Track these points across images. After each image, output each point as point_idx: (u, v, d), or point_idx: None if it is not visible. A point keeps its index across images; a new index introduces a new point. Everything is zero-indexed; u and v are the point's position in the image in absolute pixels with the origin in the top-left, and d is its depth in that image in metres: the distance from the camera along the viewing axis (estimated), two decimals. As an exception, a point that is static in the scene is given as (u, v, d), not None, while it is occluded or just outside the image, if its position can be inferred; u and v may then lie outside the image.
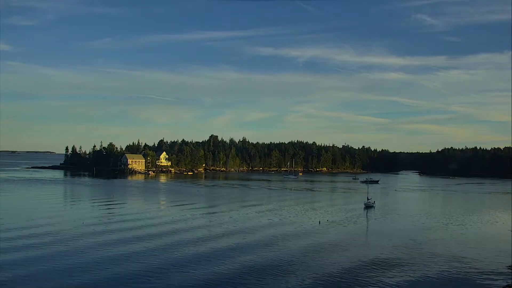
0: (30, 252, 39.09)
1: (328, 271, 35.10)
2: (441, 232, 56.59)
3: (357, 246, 45.97)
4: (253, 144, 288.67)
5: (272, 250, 42.62)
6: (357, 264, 37.84)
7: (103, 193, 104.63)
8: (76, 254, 38.73)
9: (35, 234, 47.62)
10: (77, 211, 69.03)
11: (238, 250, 42.09)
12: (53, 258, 37.33)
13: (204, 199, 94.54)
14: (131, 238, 46.90)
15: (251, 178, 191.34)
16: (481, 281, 33.77)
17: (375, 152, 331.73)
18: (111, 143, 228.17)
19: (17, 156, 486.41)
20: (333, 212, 74.71)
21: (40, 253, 39.11)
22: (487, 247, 46.86)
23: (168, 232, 51.20)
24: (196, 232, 51.67)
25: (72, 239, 45.34)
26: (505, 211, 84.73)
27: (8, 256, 37.32)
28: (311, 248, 44.07)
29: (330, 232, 53.98)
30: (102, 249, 41.20)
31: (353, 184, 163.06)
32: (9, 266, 34.37)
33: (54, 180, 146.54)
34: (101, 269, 34.07)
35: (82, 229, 51.57)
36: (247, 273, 33.95)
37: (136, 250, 40.83)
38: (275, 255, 40.40)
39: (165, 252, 40.60)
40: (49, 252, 39.32)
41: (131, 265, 35.62)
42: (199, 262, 36.87)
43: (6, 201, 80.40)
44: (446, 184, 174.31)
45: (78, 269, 34.02)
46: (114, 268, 34.49)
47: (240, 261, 37.88)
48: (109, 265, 35.46)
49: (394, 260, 39.60)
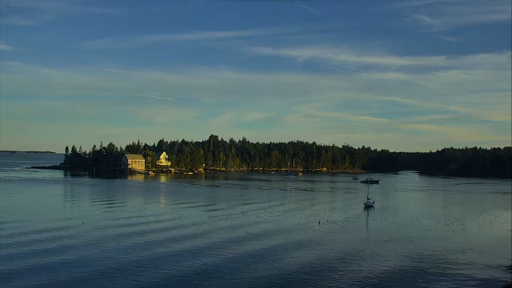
0: (29, 252, 39.00)
1: (328, 271, 35.09)
2: (441, 232, 56.58)
3: (357, 246, 45.85)
4: (253, 144, 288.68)
5: (272, 250, 42.57)
6: (357, 264, 37.82)
7: (103, 193, 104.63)
8: (76, 254, 38.67)
9: (35, 234, 47.54)
10: (77, 211, 68.98)
11: (237, 250, 42.03)
12: (53, 257, 37.26)
13: (204, 199, 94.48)
14: (131, 237, 46.85)
15: (251, 178, 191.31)
16: (481, 281, 33.73)
17: (375, 152, 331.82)
18: (111, 143, 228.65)
19: (17, 156, 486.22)
20: (333, 212, 74.71)
21: (40, 253, 39.04)
22: (487, 247, 46.83)
23: (168, 232, 51.16)
24: (196, 231, 51.58)
25: (72, 239, 45.29)
26: (505, 211, 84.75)
27: (8, 256, 37.30)
28: (311, 248, 44.05)
29: (330, 232, 53.94)
30: (102, 249, 41.16)
31: (353, 184, 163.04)
32: (9, 266, 34.36)
33: (54, 180, 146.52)
34: (100, 267, 34.08)
35: (82, 229, 51.55)
36: (247, 273, 33.94)
37: (135, 249, 40.80)
38: (275, 255, 40.35)
39: (163, 249, 40.58)
40: (48, 252, 39.24)
41: (130, 264, 35.59)
42: (199, 261, 36.85)
43: (6, 201, 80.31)
44: (446, 184, 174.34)
45: (77, 268, 34.00)
46: (113, 266, 34.49)
47: (240, 260, 37.87)
48: (109, 264, 35.46)
49: (394, 260, 39.58)
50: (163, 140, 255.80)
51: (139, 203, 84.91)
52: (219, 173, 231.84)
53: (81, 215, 63.15)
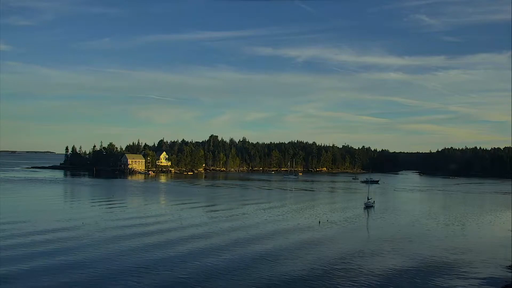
0: (29, 253, 39.00)
1: (328, 271, 35.08)
2: (441, 232, 56.59)
3: (357, 246, 45.84)
4: (253, 144, 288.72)
5: (272, 250, 42.55)
6: (357, 264, 37.81)
7: (103, 193, 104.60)
8: (76, 255, 38.65)
9: (35, 234, 47.54)
10: (77, 211, 68.97)
11: (237, 251, 42.03)
12: (53, 257, 37.26)
13: (204, 199, 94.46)
14: (131, 238, 46.83)
15: (251, 178, 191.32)
16: (481, 281, 33.72)
17: (375, 152, 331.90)
18: (111, 143, 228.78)
19: (17, 156, 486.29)
20: (333, 212, 74.70)
21: (40, 253, 39.03)
22: (487, 247, 46.86)
23: (167, 232, 51.18)
24: (196, 232, 51.58)
25: (72, 239, 45.28)
26: (505, 211, 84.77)
27: (7, 257, 37.28)
28: (311, 248, 44.04)
29: (330, 232, 53.96)
30: (101, 249, 41.14)
31: (353, 184, 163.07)
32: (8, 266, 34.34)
33: (54, 180, 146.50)
34: (101, 268, 34.07)
35: (82, 229, 51.54)
36: (246, 272, 33.94)
37: (135, 249, 40.79)
38: (275, 255, 40.33)
39: (163, 249, 40.58)
40: (48, 253, 39.24)
41: (130, 263, 35.60)
42: (199, 262, 36.85)
43: (6, 201, 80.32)
44: (446, 184, 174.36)
45: (77, 268, 33.99)
46: (113, 266, 34.48)
47: (240, 261, 37.85)
48: (108, 263, 35.45)
49: (394, 260, 39.59)
50: (163, 140, 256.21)
51: (139, 204, 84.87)
52: (219, 173, 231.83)
53: (81, 216, 63.07)
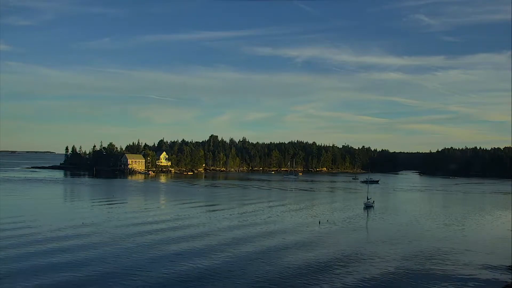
0: (29, 252, 39.03)
1: (328, 271, 35.07)
2: (441, 232, 56.57)
3: (357, 246, 45.85)
4: (253, 144, 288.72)
5: (272, 250, 42.56)
6: (357, 264, 37.82)
7: (103, 193, 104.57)
8: (75, 255, 38.65)
9: (34, 234, 47.58)
10: (77, 211, 68.95)
11: (237, 251, 42.01)
12: (52, 257, 37.28)
13: (204, 199, 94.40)
14: (130, 238, 46.82)
15: (251, 178, 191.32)
16: (481, 281, 33.71)
17: (375, 152, 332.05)
18: (111, 143, 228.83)
19: (17, 156, 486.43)
20: (333, 212, 74.69)
21: (39, 253, 39.05)
22: (487, 247, 46.84)
23: (167, 232, 51.15)
24: (196, 232, 51.58)
25: (71, 240, 45.30)
26: (505, 211, 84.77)
27: (7, 256, 37.29)
28: (311, 248, 44.04)
29: (330, 232, 53.95)
30: (101, 249, 41.15)
31: (353, 184, 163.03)
32: (8, 266, 34.35)
33: (54, 180, 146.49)
34: (101, 268, 34.07)
35: (82, 229, 51.55)
36: (246, 272, 33.95)
37: (135, 249, 40.83)
38: (275, 255, 40.34)
39: (163, 249, 40.59)
40: (48, 253, 39.26)
41: (130, 263, 35.62)
42: (198, 262, 36.85)
43: (5, 201, 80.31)
44: (446, 184, 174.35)
45: (77, 269, 33.98)
46: (113, 266, 34.47)
47: (240, 261, 37.88)
48: (108, 263, 35.45)
49: (394, 260, 39.57)
50: (163, 140, 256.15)
51: (139, 203, 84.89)
52: (219, 173, 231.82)
53: (81, 215, 63.10)
